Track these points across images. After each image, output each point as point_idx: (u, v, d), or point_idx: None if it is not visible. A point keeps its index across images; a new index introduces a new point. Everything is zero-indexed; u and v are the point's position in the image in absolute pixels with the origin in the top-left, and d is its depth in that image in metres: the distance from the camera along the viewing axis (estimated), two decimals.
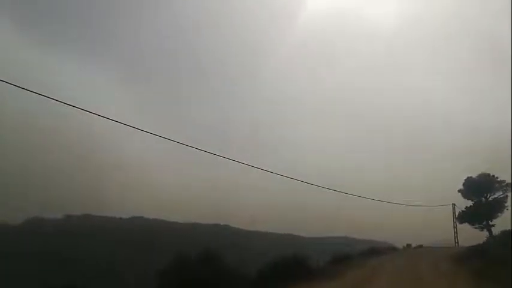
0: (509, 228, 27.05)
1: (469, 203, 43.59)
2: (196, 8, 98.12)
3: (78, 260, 31.97)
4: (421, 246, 36.44)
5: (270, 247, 46.09)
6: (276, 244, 52.68)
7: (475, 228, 42.97)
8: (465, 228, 44.02)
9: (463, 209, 43.78)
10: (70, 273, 28.02)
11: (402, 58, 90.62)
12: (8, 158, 56.76)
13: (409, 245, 36.88)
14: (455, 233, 42.69)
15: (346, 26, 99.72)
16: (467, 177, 43.42)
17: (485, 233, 42.98)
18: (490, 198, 42.46)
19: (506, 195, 41.48)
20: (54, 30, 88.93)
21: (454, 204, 43.52)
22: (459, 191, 43.80)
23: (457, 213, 43.96)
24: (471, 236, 43.88)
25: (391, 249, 33.24)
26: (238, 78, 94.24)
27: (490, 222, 42.12)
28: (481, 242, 34.14)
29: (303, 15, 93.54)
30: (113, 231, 45.59)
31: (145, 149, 78.73)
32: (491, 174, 41.76)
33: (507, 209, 40.69)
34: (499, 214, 41.40)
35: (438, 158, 68.34)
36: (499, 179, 41.57)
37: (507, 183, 40.60)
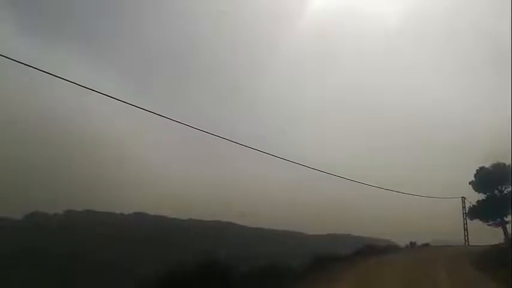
0: None
1: (481, 196, 38.95)
2: (198, 7, 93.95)
3: (79, 256, 32.11)
4: (427, 244, 31.61)
5: (265, 245, 44.33)
6: (271, 241, 49.63)
7: (489, 225, 38.24)
8: (475, 225, 39.28)
9: (474, 203, 39.01)
10: (71, 268, 28.45)
11: (407, 56, 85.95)
12: (7, 152, 54.32)
13: (413, 244, 32.02)
14: (466, 230, 37.83)
15: (347, 26, 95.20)
16: (480, 167, 38.67)
17: (497, 230, 38.56)
18: (505, 191, 37.72)
19: None
20: (52, 27, 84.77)
21: (463, 198, 38.62)
22: (470, 183, 39.12)
23: (467, 208, 39.02)
24: (482, 233, 39.30)
25: (392, 248, 28.44)
26: (240, 78, 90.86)
27: (505, 219, 37.41)
28: (494, 242, 29.86)
29: (305, 14, 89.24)
30: (114, 227, 44.84)
31: (148, 145, 76.22)
32: (507, 164, 36.95)
33: None
34: None
35: (443, 152, 63.41)
36: None
37: None
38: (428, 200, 39.53)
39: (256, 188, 68.33)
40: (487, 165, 38.46)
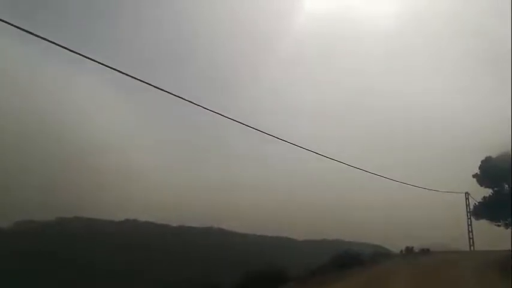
0: None
1: (488, 191, 32.82)
2: (194, 8, 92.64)
3: (70, 263, 32.06)
4: (427, 250, 25.21)
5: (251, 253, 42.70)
6: (258, 248, 47.29)
7: (498, 225, 32.07)
8: (482, 226, 33.16)
9: (480, 200, 32.89)
10: (61, 276, 28.81)
11: (406, 57, 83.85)
12: None
13: (409, 249, 25.58)
14: (470, 232, 31.70)
15: (345, 26, 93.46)
16: (486, 158, 32.60)
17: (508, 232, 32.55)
18: None
19: None
20: (43, 26, 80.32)
21: (467, 194, 32.50)
22: (474, 176, 33.00)
23: (471, 206, 32.90)
24: (489, 235, 33.27)
25: (384, 255, 21.78)
26: (236, 81, 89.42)
27: None
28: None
29: (300, 16, 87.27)
30: (105, 234, 45.02)
31: (138, 149, 74.76)
32: None
33: None
34: None
35: (444, 144, 58.94)
36: None
37: None
38: (426, 197, 33.56)
39: (248, 192, 65.19)
40: (494, 154, 32.48)
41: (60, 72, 72.62)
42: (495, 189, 32.47)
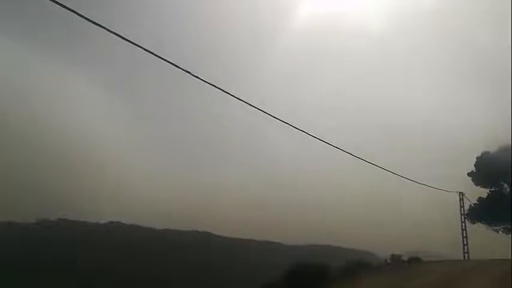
0: None
1: (485, 192, 29.14)
2: (190, 12, 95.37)
3: (53, 266, 31.99)
4: (417, 259, 21.02)
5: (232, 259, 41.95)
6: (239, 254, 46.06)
7: (496, 231, 28.31)
8: (477, 231, 29.29)
9: (476, 202, 29.08)
10: (44, 279, 28.96)
11: (401, 60, 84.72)
12: None
13: (397, 257, 21.37)
14: (465, 237, 27.67)
15: (341, 31, 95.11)
16: (483, 153, 28.95)
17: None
18: None
19: None
20: (33, 23, 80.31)
21: (461, 194, 28.56)
22: (469, 174, 29.31)
23: (466, 208, 28.94)
24: (486, 241, 29.52)
25: (361, 268, 17.25)
26: (231, 83, 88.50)
27: None
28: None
29: (294, 20, 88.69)
30: (89, 236, 44.56)
31: (123, 150, 74.72)
32: None
33: None
34: None
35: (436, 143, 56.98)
36: None
37: None
38: (416, 197, 29.72)
39: (238, 195, 63.61)
40: (492, 150, 28.86)
41: (48, 70, 71.75)
42: (492, 189, 28.84)
